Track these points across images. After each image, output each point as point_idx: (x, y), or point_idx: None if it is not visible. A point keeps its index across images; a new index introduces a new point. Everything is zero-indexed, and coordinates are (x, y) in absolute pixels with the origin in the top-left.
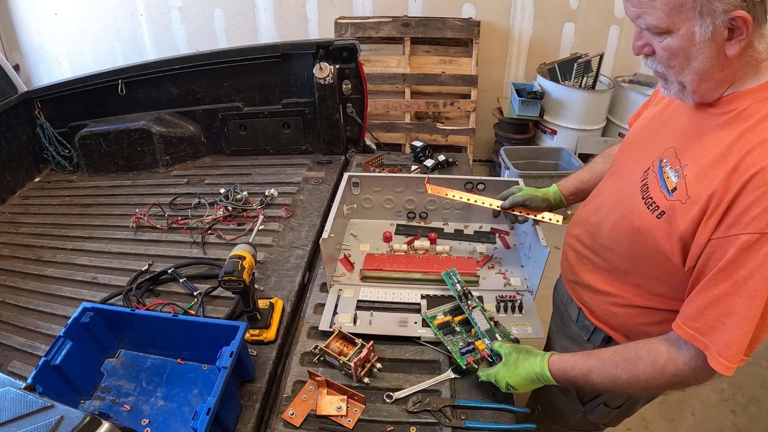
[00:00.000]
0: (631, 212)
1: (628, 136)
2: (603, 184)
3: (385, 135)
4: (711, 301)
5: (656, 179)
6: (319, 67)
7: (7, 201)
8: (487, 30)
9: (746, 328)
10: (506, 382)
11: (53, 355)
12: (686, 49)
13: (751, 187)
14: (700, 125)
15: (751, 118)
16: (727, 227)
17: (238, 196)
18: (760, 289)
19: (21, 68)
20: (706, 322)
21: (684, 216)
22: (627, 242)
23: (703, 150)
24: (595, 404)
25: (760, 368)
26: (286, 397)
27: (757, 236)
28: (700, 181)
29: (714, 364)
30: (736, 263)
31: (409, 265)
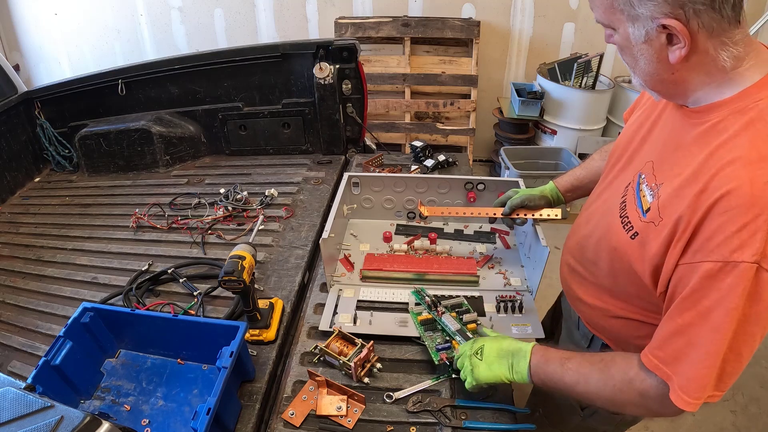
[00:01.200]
0: (610, 229)
1: (618, 142)
2: (595, 190)
3: (385, 135)
4: (675, 331)
5: (633, 197)
6: (319, 67)
7: (7, 201)
8: (487, 30)
9: (708, 363)
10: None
11: (53, 355)
12: (629, 48)
13: (716, 212)
14: (678, 137)
15: (725, 131)
16: (693, 253)
17: (238, 196)
18: (724, 323)
19: (21, 68)
20: (670, 352)
21: (656, 239)
22: (608, 259)
23: (678, 167)
24: (593, 409)
25: (760, 368)
26: (286, 397)
27: (721, 265)
28: (671, 201)
29: (675, 399)
30: (699, 292)
31: (409, 265)
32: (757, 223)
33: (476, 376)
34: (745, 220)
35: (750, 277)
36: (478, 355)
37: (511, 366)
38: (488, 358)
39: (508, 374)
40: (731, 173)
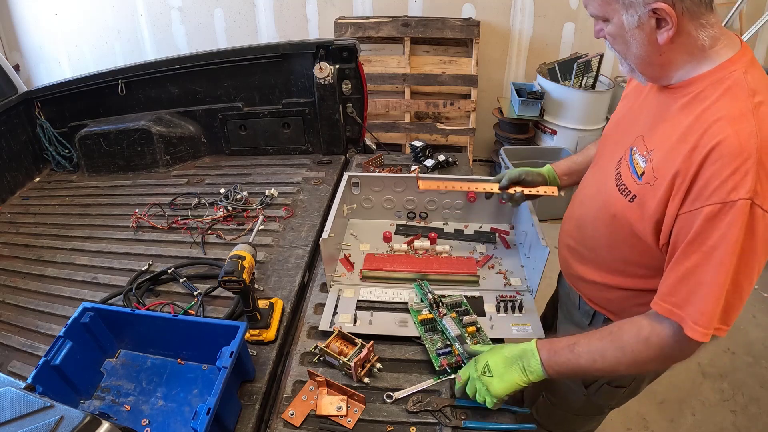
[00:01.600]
0: (607, 201)
1: (607, 128)
2: (587, 175)
3: (385, 135)
4: (683, 275)
5: (627, 167)
6: (319, 67)
7: (7, 201)
8: (487, 30)
9: (716, 295)
10: (485, 362)
11: (53, 355)
12: (622, 35)
13: (710, 161)
14: (663, 111)
15: (707, 99)
16: (692, 201)
17: (238, 196)
18: (727, 257)
19: (21, 68)
20: (681, 296)
21: (653, 197)
22: (606, 231)
23: (667, 133)
24: (598, 385)
25: (760, 368)
26: (286, 397)
27: (720, 206)
28: (665, 162)
29: (691, 333)
30: (702, 235)
31: (409, 265)
32: (746, 166)
33: (494, 392)
34: (736, 164)
35: (746, 212)
36: (487, 373)
37: (523, 368)
38: (497, 370)
39: (524, 377)
40: (718, 129)
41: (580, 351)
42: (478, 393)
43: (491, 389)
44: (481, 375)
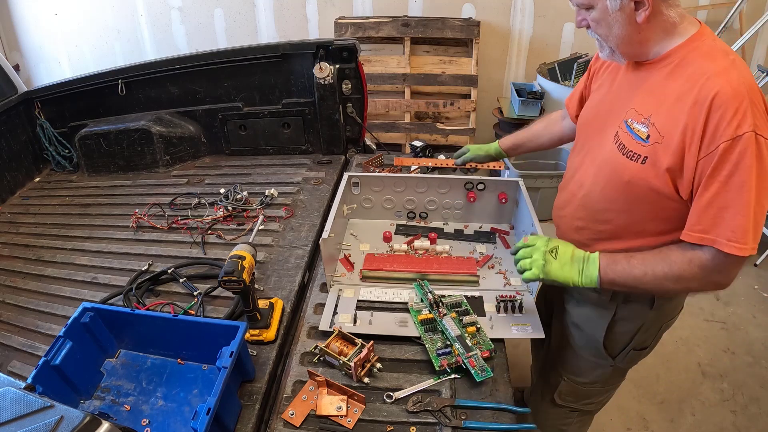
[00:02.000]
0: (616, 171)
1: (584, 117)
2: (573, 163)
3: (385, 135)
4: (706, 205)
5: (629, 136)
6: (319, 67)
7: (7, 201)
8: (487, 30)
9: (744, 212)
10: (556, 245)
11: (53, 355)
12: (605, 19)
13: (713, 109)
14: (648, 83)
15: (689, 65)
16: (707, 146)
17: (238, 196)
18: (746, 180)
19: (21, 68)
20: (707, 222)
21: (665, 152)
22: (621, 197)
23: (659, 99)
24: (625, 353)
25: (760, 368)
26: (286, 397)
27: (730, 142)
28: (667, 120)
29: (728, 250)
30: (719, 168)
31: (409, 265)
32: (743, 106)
33: (547, 271)
34: (735, 106)
35: (753, 142)
36: (553, 254)
37: (581, 271)
38: (563, 258)
39: (578, 278)
40: (712, 83)
41: (635, 263)
42: (531, 261)
43: (547, 267)
44: (547, 251)
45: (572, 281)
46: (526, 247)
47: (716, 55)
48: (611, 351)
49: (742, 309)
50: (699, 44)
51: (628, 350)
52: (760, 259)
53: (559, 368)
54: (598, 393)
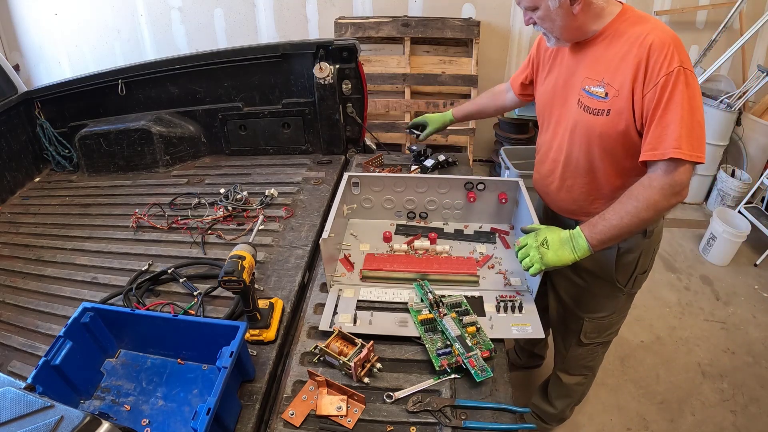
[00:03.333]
0: (588, 128)
1: (543, 100)
2: (545, 139)
3: (385, 135)
4: (654, 127)
5: (589, 99)
6: (319, 67)
7: (7, 201)
8: (487, 30)
9: (680, 125)
10: (545, 237)
11: (53, 355)
12: (549, 16)
13: (651, 54)
14: (592, 55)
15: (623, 33)
16: (649, 82)
17: (238, 196)
18: (679, 101)
19: (21, 68)
20: (656, 140)
21: (621, 99)
22: (598, 148)
23: (606, 63)
24: (633, 279)
25: (760, 368)
26: (286, 397)
27: (665, 77)
28: (618, 76)
29: (674, 155)
30: (659, 97)
31: (409, 265)
32: (671, 50)
33: (546, 261)
34: (665, 51)
35: (682, 73)
36: (545, 245)
37: (573, 248)
38: (554, 245)
39: (573, 255)
40: (647, 39)
41: (609, 216)
42: (530, 259)
43: (545, 259)
44: (539, 245)
45: (570, 260)
46: (521, 249)
47: (642, 21)
48: (621, 281)
49: (742, 309)
50: (626, 17)
51: (635, 276)
52: (760, 259)
53: (576, 312)
54: (617, 321)
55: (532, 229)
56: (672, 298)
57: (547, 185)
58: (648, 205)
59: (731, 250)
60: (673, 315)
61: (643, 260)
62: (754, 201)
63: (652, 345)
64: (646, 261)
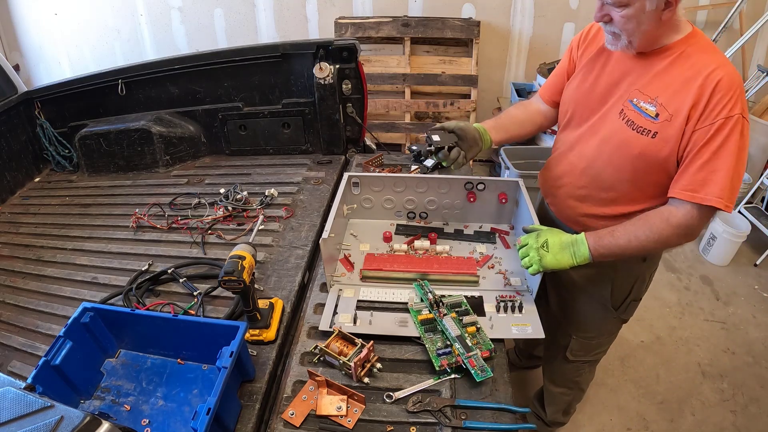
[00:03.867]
0: (626, 143)
1: (574, 97)
2: (567, 138)
3: (385, 135)
4: (698, 169)
5: (637, 114)
6: (319, 67)
7: (7, 201)
8: (487, 30)
9: (729, 176)
10: (546, 239)
11: (53, 355)
12: (638, 17)
13: (715, 93)
14: (650, 69)
15: (690, 56)
16: (703, 120)
17: (238, 196)
18: (732, 151)
19: (21, 68)
20: (698, 183)
21: (673, 126)
22: (629, 167)
23: (664, 82)
24: (626, 304)
25: (760, 368)
26: (286, 397)
27: (724, 120)
28: (675, 101)
29: (716, 204)
30: (712, 140)
31: (409, 265)
32: (737, 94)
33: (544, 264)
34: (731, 93)
35: (740, 122)
36: (545, 248)
37: (573, 254)
38: (553, 249)
39: (572, 261)
40: (716, 73)
41: (618, 234)
42: (529, 259)
43: (543, 262)
44: (539, 248)
45: (569, 265)
46: (522, 247)
47: (713, 51)
48: (615, 304)
49: (742, 309)
50: (695, 40)
51: (629, 301)
52: (760, 259)
53: (566, 328)
54: (605, 342)
55: (533, 229)
56: (672, 298)
57: (556, 187)
58: (659, 239)
59: (731, 250)
60: (673, 315)
61: (639, 286)
62: (754, 201)
63: (652, 345)
64: (641, 288)
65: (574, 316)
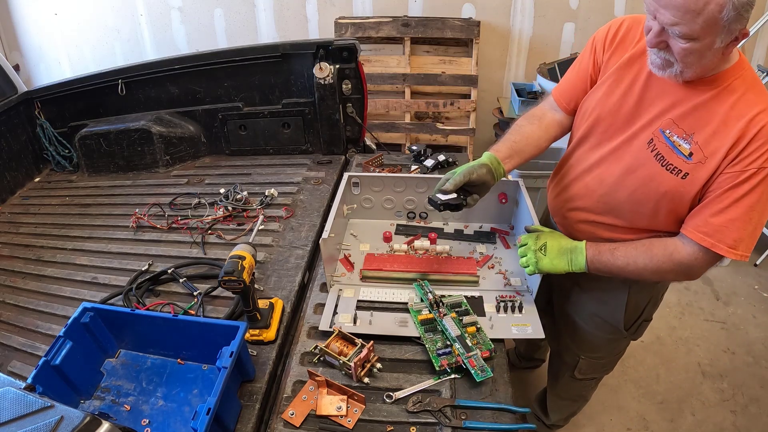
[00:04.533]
0: (653, 179)
1: (598, 111)
2: (587, 157)
3: (385, 135)
4: (717, 212)
5: (668, 149)
6: (319, 67)
7: (7, 201)
8: (487, 30)
9: (746, 227)
10: (545, 242)
11: (53, 355)
12: (703, 51)
13: (756, 139)
14: (691, 99)
15: (735, 91)
16: (736, 164)
17: (238, 196)
18: (755, 203)
19: (21, 68)
20: (713, 227)
21: (705, 170)
22: (652, 204)
23: (703, 119)
24: (637, 325)
25: (760, 368)
26: (286, 397)
27: (756, 169)
28: (713, 141)
29: (727, 254)
30: (739, 186)
31: (409, 265)
32: None
33: (540, 267)
34: None
35: None
36: (542, 251)
37: (570, 261)
38: (551, 253)
39: (568, 267)
40: (762, 117)
41: (618, 255)
42: (526, 260)
43: (539, 264)
44: (537, 250)
45: (564, 271)
46: (522, 246)
47: (759, 90)
48: (626, 326)
49: (742, 309)
50: (742, 73)
51: (640, 322)
52: (760, 259)
53: (574, 349)
54: (614, 361)
55: (535, 230)
56: (672, 298)
57: (568, 209)
58: (656, 271)
59: None
60: (673, 315)
61: (651, 308)
62: None
63: (652, 345)
64: (652, 309)
65: (583, 337)
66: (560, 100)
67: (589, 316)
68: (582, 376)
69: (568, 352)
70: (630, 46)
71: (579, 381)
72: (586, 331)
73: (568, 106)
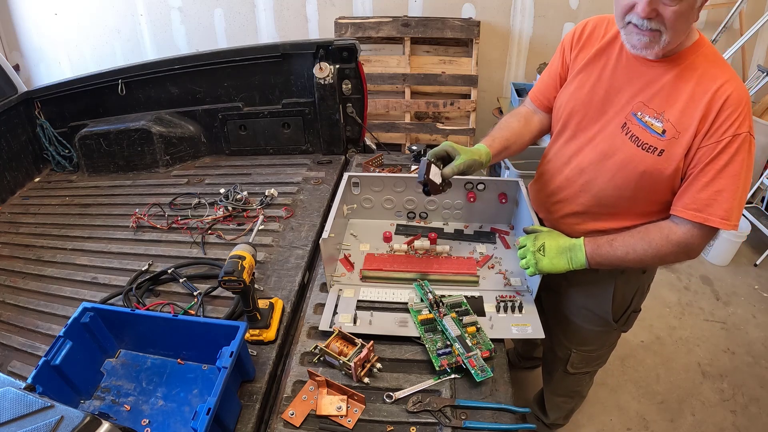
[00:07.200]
0: (631, 161)
1: (570, 104)
2: (563, 150)
3: (385, 135)
4: (702, 187)
5: (642, 129)
6: (319, 67)
7: (7, 201)
8: (487, 30)
9: (734, 196)
10: (543, 242)
11: (53, 355)
12: (688, 13)
13: (724, 108)
14: (655, 81)
15: (698, 68)
16: (710, 137)
17: (238, 196)
18: (738, 171)
19: (21, 68)
20: (702, 202)
21: (680, 144)
22: (632, 185)
23: (672, 97)
24: (626, 316)
25: (760, 368)
26: (286, 397)
27: (731, 138)
28: (684, 117)
29: (720, 226)
30: (718, 158)
31: (409, 265)
32: (745, 110)
33: (540, 268)
34: (740, 110)
35: (747, 140)
36: (541, 252)
37: (570, 259)
38: (550, 253)
39: (568, 266)
40: (724, 88)
41: (617, 245)
42: (526, 261)
43: (539, 265)
44: (535, 251)
45: (564, 270)
46: (520, 249)
47: (719, 64)
48: (615, 317)
49: (742, 309)
50: (703, 50)
51: (629, 313)
52: (760, 259)
53: (565, 343)
54: (605, 354)
55: (533, 230)
56: (672, 298)
57: (551, 203)
58: (656, 255)
59: (731, 250)
60: (673, 315)
61: (638, 298)
62: (754, 201)
63: (652, 345)
64: (640, 300)
65: (573, 331)
66: (535, 100)
67: (578, 309)
68: (575, 370)
69: (560, 347)
70: (596, 42)
71: (572, 375)
72: (576, 325)
73: (542, 105)
